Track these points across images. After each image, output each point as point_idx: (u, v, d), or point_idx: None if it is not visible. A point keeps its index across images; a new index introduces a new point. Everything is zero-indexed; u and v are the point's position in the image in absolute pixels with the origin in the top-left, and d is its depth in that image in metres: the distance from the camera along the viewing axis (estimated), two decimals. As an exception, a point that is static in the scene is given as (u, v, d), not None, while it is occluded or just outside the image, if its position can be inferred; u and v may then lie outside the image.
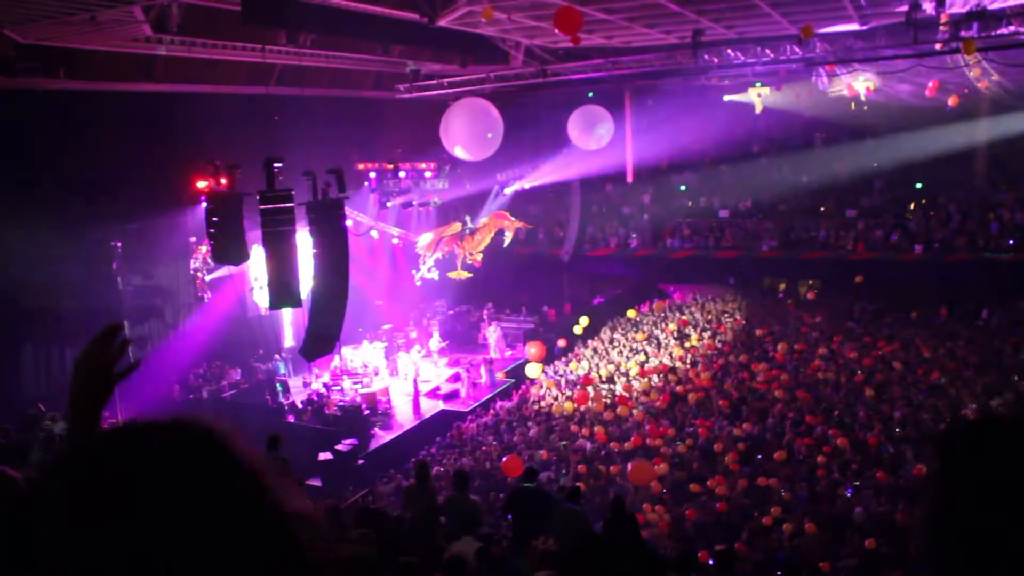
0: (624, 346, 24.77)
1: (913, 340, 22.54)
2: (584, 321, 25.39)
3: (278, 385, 21.97)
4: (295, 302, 16.28)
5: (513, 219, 24.82)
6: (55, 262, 17.14)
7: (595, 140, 20.62)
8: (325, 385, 22.23)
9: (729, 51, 19.82)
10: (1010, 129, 24.01)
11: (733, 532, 13.38)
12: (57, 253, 17.14)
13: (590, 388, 21.19)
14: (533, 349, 22.81)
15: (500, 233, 24.68)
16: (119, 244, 19.47)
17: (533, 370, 22.47)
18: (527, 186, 27.95)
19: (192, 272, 21.41)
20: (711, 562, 9.91)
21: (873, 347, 22.19)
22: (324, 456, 18.46)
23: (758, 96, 25.23)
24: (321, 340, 16.88)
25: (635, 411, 19.48)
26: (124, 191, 17.59)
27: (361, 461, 18.75)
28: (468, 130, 16.76)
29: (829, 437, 16.77)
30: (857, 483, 14.65)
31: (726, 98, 26.00)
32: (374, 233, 25.74)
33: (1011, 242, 24.08)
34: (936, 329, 23.34)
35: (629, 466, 15.13)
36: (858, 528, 13.01)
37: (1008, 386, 18.98)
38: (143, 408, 18.94)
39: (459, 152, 17.14)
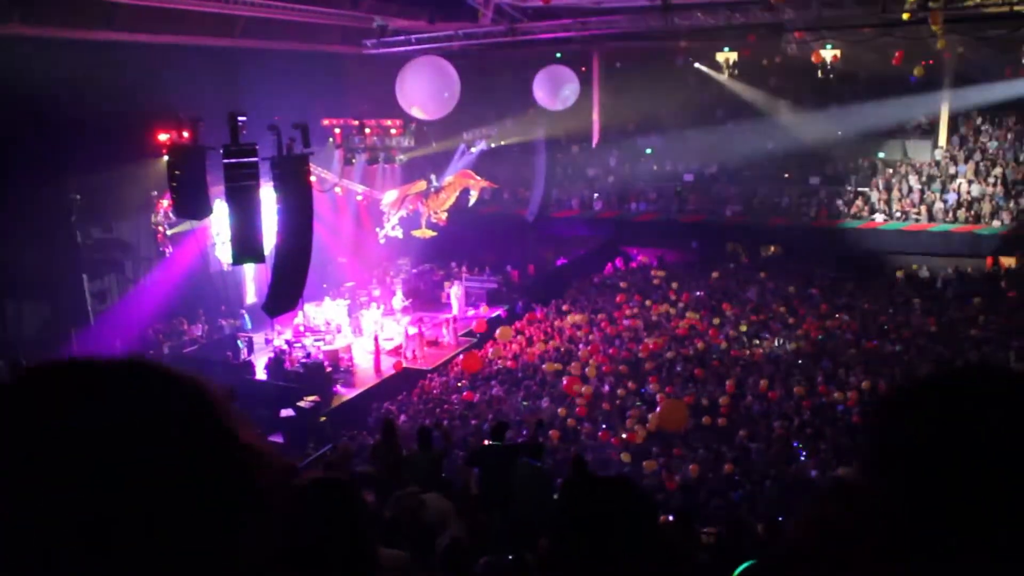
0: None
1: (871, 308, 22.91)
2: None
3: (239, 342, 21.83)
4: (258, 258, 16.16)
5: (478, 178, 24.76)
6: (12, 214, 16.82)
7: (561, 101, 20.58)
8: (287, 342, 22.14)
9: (699, 14, 19.81)
10: (971, 101, 24.31)
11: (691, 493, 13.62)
12: (14, 205, 16.83)
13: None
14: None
15: (465, 192, 24.63)
16: (78, 196, 19.15)
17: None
18: (493, 145, 27.84)
19: (153, 226, 21.13)
20: (671, 518, 10.06)
21: (831, 314, 22.53)
22: (286, 413, 18.45)
23: (726, 60, 25.29)
24: (284, 296, 16.79)
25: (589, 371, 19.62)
26: (84, 142, 17.22)
27: (323, 418, 18.75)
28: (424, 89, 16.62)
29: (787, 401, 17.09)
30: (823, 447, 14.94)
31: (694, 63, 26.06)
32: (338, 190, 25.53)
33: (968, 214, 24.46)
34: (893, 297, 23.70)
35: (658, 409, 15.34)
36: (814, 490, 13.30)
37: (961, 355, 19.36)
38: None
39: (416, 112, 17.01)
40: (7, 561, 0.87)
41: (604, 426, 16.95)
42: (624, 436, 16.24)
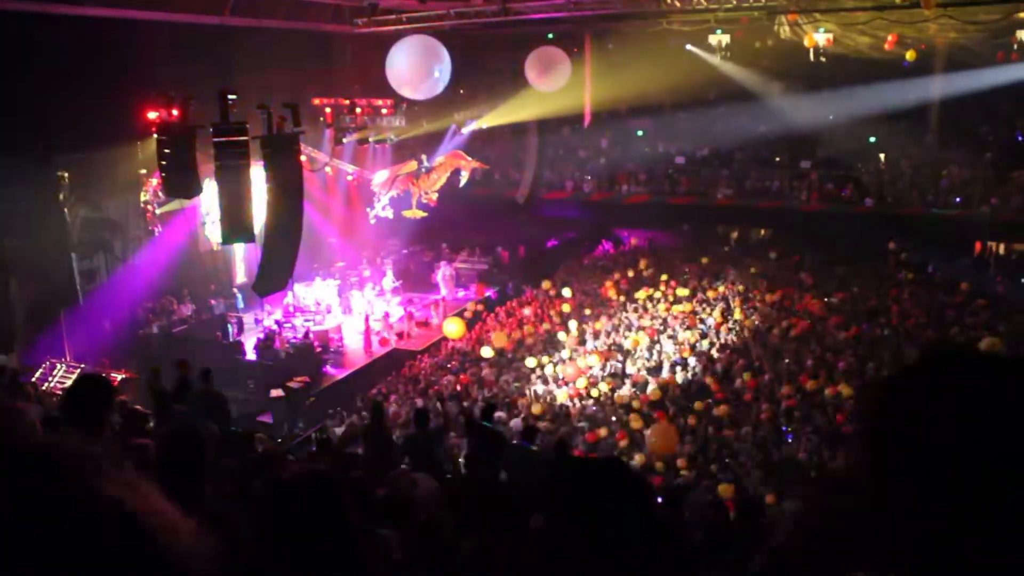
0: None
1: (861, 292, 22.97)
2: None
3: (228, 325, 21.75)
4: (248, 237, 16.12)
5: (469, 159, 24.64)
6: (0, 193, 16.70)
7: (552, 82, 20.49)
8: (277, 322, 22.10)
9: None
10: (963, 86, 24.25)
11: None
12: (2, 184, 16.68)
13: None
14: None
15: (456, 173, 24.50)
16: (67, 175, 19.00)
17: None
18: (484, 126, 27.72)
19: (142, 205, 21.00)
20: (660, 500, 10.11)
21: (821, 297, 22.59)
22: (275, 393, 18.43)
23: (719, 43, 25.21)
24: (274, 276, 16.77)
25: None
26: (72, 120, 17.02)
27: (312, 399, 18.75)
28: (415, 68, 16.51)
29: (775, 384, 17.15)
30: (809, 429, 15.00)
31: (687, 45, 25.95)
32: (328, 169, 25.41)
33: (958, 199, 24.50)
34: (883, 282, 23.76)
35: (648, 433, 14.79)
36: (802, 471, 13.38)
37: (949, 341, 19.44)
38: (92, 343, 18.73)
39: (406, 91, 16.92)
40: None
41: (594, 408, 17.06)
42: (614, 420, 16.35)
